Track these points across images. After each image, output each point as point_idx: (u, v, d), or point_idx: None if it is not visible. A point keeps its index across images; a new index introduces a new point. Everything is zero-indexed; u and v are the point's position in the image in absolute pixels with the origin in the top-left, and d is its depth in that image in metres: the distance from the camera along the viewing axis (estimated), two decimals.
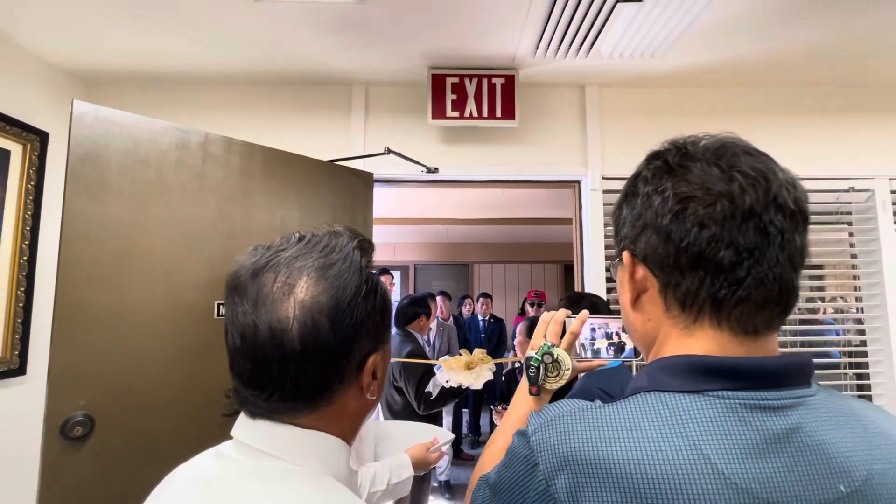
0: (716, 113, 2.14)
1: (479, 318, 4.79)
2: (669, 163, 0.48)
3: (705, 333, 0.47)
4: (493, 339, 4.72)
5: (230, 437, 0.53)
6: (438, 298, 4.27)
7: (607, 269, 1.84)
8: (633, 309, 0.53)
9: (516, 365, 3.88)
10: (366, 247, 0.57)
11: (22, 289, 1.69)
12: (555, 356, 0.71)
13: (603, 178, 2.07)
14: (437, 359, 3.66)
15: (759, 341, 0.46)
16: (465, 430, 4.86)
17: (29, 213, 1.72)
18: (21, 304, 1.68)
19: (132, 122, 1.36)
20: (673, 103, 2.14)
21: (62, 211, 1.23)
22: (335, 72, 2.00)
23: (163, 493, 0.51)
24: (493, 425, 3.99)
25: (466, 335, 4.71)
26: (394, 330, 2.49)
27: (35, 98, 1.80)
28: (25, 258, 1.70)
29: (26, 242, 1.71)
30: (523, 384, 0.74)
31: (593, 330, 0.81)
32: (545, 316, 0.78)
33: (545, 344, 0.73)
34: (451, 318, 4.68)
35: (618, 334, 0.82)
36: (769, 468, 0.40)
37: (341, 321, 0.48)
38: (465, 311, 5.55)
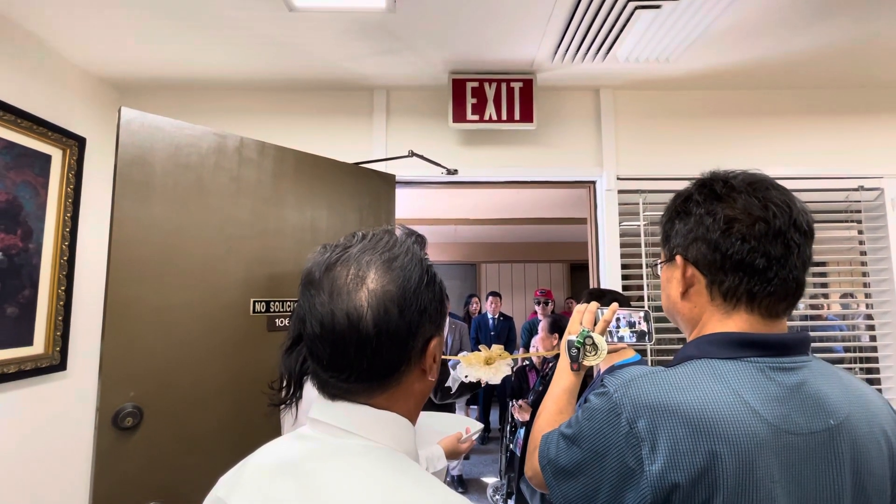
0: (728, 114, 2.19)
1: (489, 316, 4.85)
2: (717, 192, 0.65)
3: (741, 317, 0.63)
4: (503, 336, 4.78)
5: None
6: None
7: (649, 267, 2.04)
8: (682, 299, 0.69)
9: (525, 362, 3.95)
10: (422, 241, 0.64)
11: (62, 288, 1.76)
12: (594, 339, 0.86)
13: (618, 179, 2.12)
14: (449, 356, 3.73)
15: (777, 322, 0.64)
16: None
17: (68, 215, 1.79)
18: (62, 303, 1.75)
19: (173, 128, 1.43)
20: (686, 105, 2.19)
21: (111, 213, 1.29)
22: (359, 77, 2.06)
23: (240, 476, 0.54)
24: (502, 421, 4.06)
25: (478, 333, 4.77)
26: None
27: (73, 104, 1.87)
28: (65, 258, 1.77)
29: (66, 244, 1.78)
30: (563, 362, 0.89)
31: (618, 320, 0.96)
32: (579, 307, 0.93)
33: (584, 329, 0.87)
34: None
35: (639, 323, 0.96)
36: (786, 409, 0.57)
37: (408, 308, 0.53)
38: (472, 309, 5.61)
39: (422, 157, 1.95)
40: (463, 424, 1.57)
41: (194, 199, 1.44)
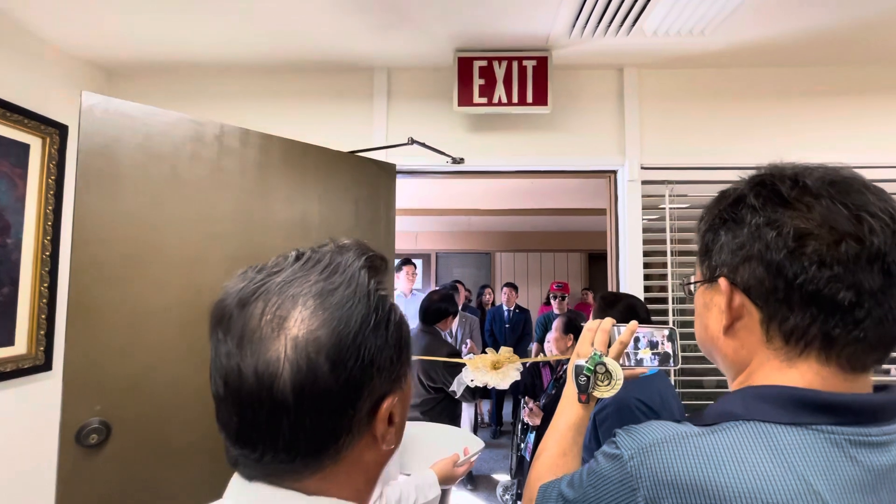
0: (772, 95, 1.94)
1: (504, 308, 4.69)
2: (784, 195, 0.47)
3: (810, 367, 0.47)
4: (518, 329, 4.62)
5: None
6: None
7: (682, 285, 1.77)
8: (724, 335, 0.53)
9: (539, 357, 3.79)
10: (377, 265, 0.47)
11: (45, 285, 1.67)
12: (607, 366, 0.73)
13: (642, 168, 1.91)
14: (460, 350, 3.60)
15: (862, 378, 0.47)
16: (486, 419, 4.82)
17: (50, 208, 1.69)
18: (45, 301, 1.67)
19: (144, 114, 1.29)
20: (722, 85, 1.95)
21: (73, 209, 1.18)
22: (356, 56, 1.89)
23: None
24: (515, 416, 3.93)
25: (492, 326, 4.63)
26: (420, 326, 2.42)
27: (52, 89, 1.75)
28: (48, 254, 1.68)
29: (48, 238, 1.69)
30: (569, 390, 0.75)
31: (637, 339, 0.81)
32: (591, 324, 0.79)
33: (595, 353, 0.73)
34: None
35: (662, 343, 0.81)
36: (874, 502, 0.41)
37: (344, 361, 0.39)
38: (486, 300, 5.46)
39: (423, 144, 1.78)
40: (460, 441, 1.43)
41: (168, 193, 1.31)
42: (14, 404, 1.60)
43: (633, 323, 0.78)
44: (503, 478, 3.43)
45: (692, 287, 0.59)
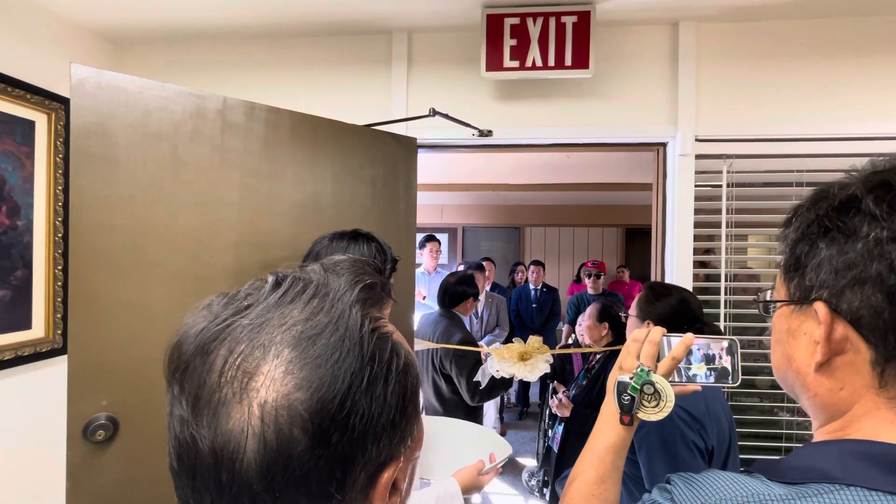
0: (862, 50, 1.62)
1: (531, 287, 4.53)
2: None
3: None
4: (546, 309, 4.46)
5: None
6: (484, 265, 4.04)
7: (756, 302, 1.54)
8: (817, 371, 0.44)
9: (570, 340, 3.64)
10: (374, 296, 0.37)
11: (59, 267, 1.64)
12: (655, 386, 0.63)
13: (696, 141, 1.68)
14: (486, 333, 3.49)
15: None
16: (512, 400, 4.76)
17: (60, 188, 1.64)
18: (60, 284, 1.64)
19: (139, 88, 1.18)
20: (797, 40, 1.66)
21: (69, 195, 1.09)
22: (372, 17, 1.71)
23: None
24: (542, 398, 3.84)
25: (518, 306, 4.49)
26: (437, 309, 2.31)
27: (57, 62, 1.66)
28: (60, 235, 1.64)
29: (59, 219, 1.64)
30: (610, 408, 0.67)
31: (690, 352, 0.71)
32: (637, 334, 0.71)
33: (643, 370, 0.65)
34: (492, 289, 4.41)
35: (720, 357, 0.71)
36: None
37: (327, 435, 0.31)
38: (518, 279, 5.29)
39: (447, 116, 1.61)
40: (486, 443, 1.33)
41: (168, 175, 1.21)
42: (33, 388, 1.60)
43: (689, 336, 0.68)
44: (529, 462, 3.36)
45: (771, 307, 0.50)
